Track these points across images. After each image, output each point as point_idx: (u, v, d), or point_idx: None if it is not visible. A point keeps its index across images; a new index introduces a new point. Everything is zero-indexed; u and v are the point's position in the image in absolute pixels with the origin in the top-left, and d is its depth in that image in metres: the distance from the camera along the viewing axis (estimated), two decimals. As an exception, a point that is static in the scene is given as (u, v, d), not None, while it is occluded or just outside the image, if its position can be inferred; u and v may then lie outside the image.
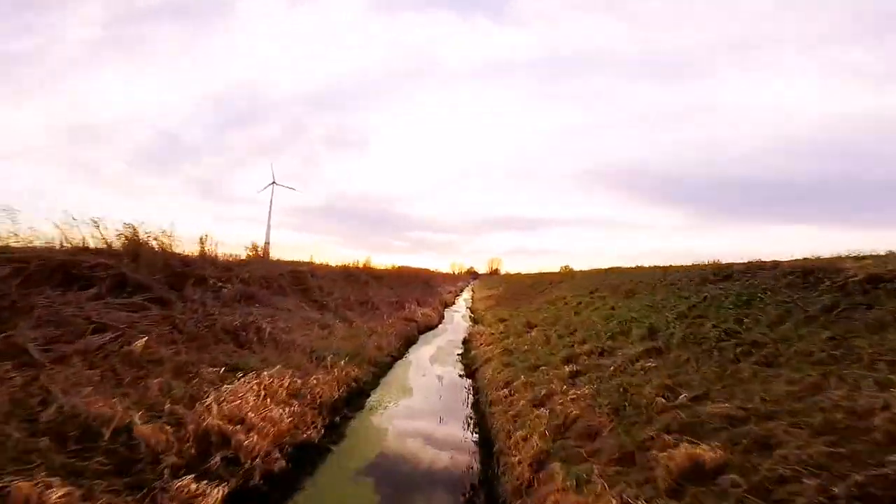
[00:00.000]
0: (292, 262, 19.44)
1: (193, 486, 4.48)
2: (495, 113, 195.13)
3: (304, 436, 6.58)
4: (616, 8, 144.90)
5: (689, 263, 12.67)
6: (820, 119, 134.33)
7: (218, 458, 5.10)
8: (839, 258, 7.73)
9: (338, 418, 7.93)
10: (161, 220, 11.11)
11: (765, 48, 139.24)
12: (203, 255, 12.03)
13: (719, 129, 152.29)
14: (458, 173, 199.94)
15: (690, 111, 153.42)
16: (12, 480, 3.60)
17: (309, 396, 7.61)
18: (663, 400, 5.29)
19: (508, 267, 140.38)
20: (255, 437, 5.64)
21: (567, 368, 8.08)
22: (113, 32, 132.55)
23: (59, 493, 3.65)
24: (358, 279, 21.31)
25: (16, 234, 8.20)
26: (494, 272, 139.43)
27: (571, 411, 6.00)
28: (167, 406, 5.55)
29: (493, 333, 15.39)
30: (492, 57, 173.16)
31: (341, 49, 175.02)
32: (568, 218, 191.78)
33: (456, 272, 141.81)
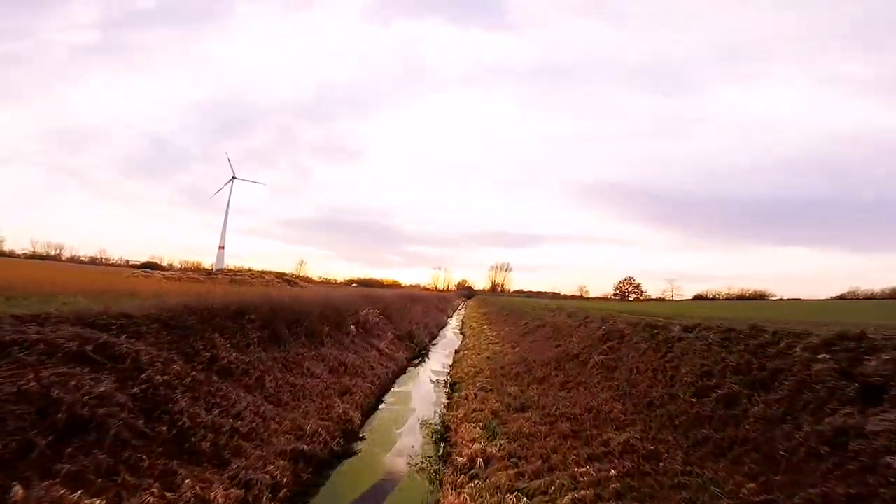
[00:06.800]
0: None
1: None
2: (492, 123, 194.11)
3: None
4: (612, 15, 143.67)
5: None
6: (819, 134, 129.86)
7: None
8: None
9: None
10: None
11: (762, 58, 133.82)
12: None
13: (717, 143, 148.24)
14: (455, 185, 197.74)
15: (688, 124, 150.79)
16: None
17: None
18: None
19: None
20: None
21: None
22: (107, 37, 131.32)
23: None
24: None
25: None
26: (495, 288, 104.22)
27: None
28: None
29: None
30: (488, 65, 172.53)
31: (334, 58, 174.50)
32: (563, 234, 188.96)
33: (440, 287, 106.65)
